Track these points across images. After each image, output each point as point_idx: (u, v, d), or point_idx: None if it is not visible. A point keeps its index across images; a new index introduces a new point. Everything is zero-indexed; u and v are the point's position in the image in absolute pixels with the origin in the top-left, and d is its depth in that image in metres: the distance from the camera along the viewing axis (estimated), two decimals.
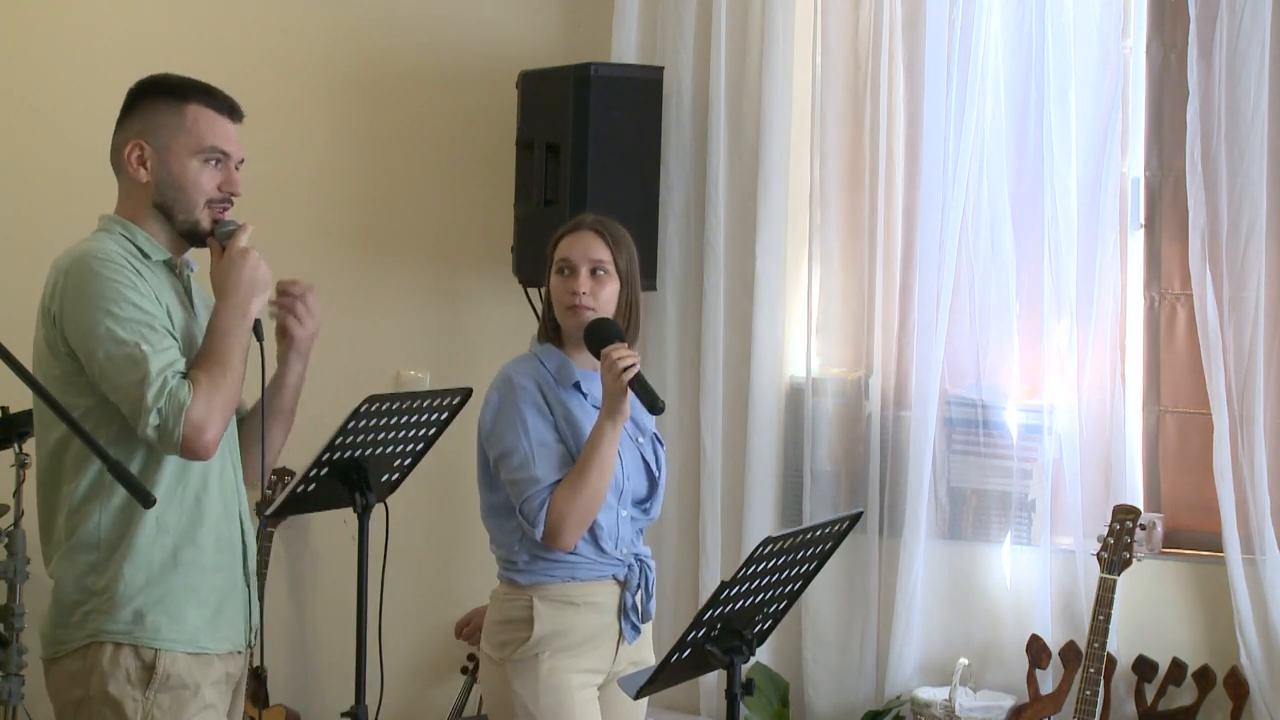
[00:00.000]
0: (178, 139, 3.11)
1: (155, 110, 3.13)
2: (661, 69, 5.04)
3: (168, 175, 3.11)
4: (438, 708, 5.33)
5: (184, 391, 2.93)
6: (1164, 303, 4.68)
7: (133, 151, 3.13)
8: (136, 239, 3.12)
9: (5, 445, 5.21)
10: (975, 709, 4.62)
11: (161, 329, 3.00)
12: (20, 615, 5.29)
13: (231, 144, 3.16)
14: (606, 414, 3.53)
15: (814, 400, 4.94)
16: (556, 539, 3.51)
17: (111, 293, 2.98)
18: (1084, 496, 4.64)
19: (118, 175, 3.20)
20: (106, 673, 2.99)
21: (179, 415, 2.91)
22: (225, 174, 3.14)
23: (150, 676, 3.00)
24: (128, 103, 3.20)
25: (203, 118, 3.14)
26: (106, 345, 2.95)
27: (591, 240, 3.64)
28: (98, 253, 3.03)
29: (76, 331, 3.00)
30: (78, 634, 3.01)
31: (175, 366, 2.96)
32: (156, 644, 3.01)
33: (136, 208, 3.15)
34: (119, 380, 2.95)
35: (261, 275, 3.09)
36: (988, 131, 4.74)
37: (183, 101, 3.14)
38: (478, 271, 5.45)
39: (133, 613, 3.00)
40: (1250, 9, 4.41)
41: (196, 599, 3.06)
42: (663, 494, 3.77)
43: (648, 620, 3.68)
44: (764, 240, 4.95)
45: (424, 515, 5.34)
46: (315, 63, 5.60)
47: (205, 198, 3.12)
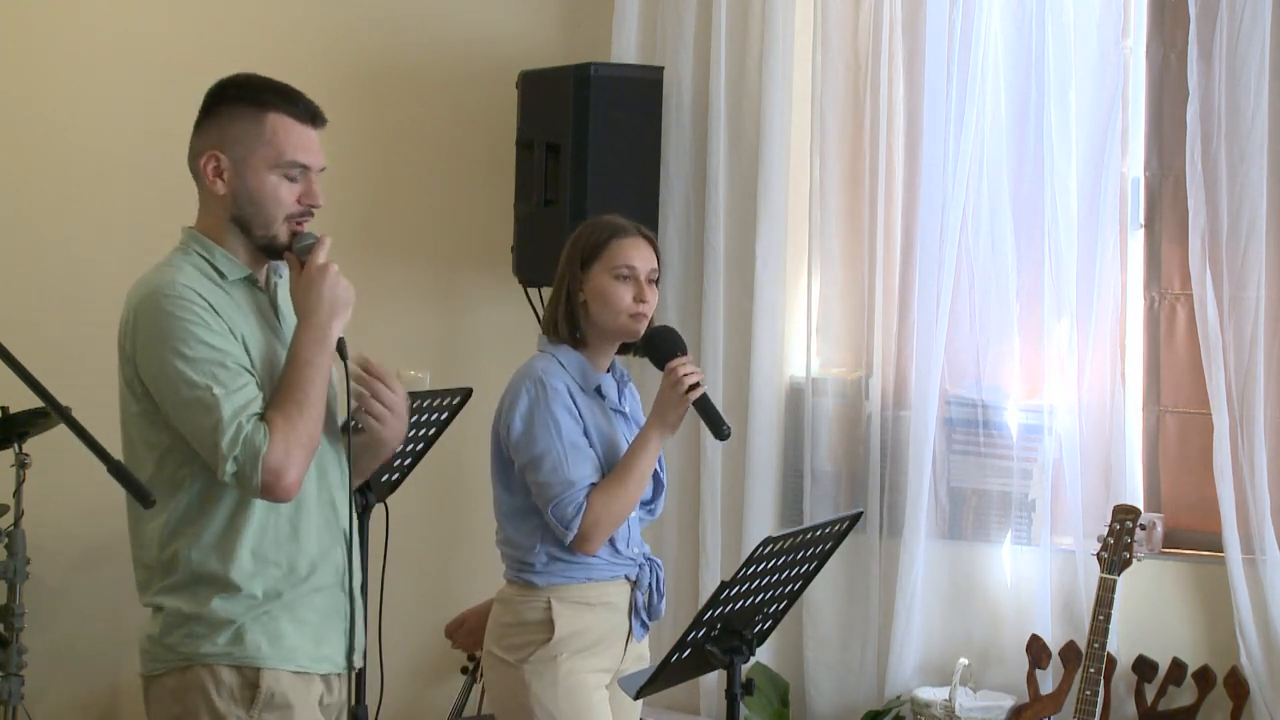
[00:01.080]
0: (256, 151, 2.96)
1: (233, 118, 2.98)
2: (661, 69, 5.04)
3: (245, 189, 2.97)
4: (438, 708, 5.33)
5: (259, 436, 2.82)
6: (1164, 303, 4.68)
7: (209, 163, 2.98)
8: (214, 259, 2.99)
9: (5, 445, 5.21)
10: (975, 709, 4.62)
11: (235, 366, 2.88)
12: (20, 615, 5.28)
13: (313, 154, 3.00)
14: (657, 425, 3.54)
15: (814, 400, 4.94)
16: (587, 543, 3.51)
17: (181, 332, 2.87)
18: (1084, 496, 4.64)
19: (196, 183, 3.05)
20: (210, 691, 2.92)
21: (255, 462, 2.81)
22: (305, 186, 2.99)
23: (254, 695, 2.92)
24: (206, 106, 3.04)
25: (282, 128, 2.97)
26: (178, 388, 2.86)
27: (647, 249, 3.63)
28: (167, 287, 2.90)
29: (149, 372, 2.90)
30: (178, 654, 2.94)
31: (250, 409, 2.86)
32: (258, 663, 2.93)
33: (215, 222, 3.01)
34: (193, 425, 2.86)
35: (342, 293, 2.97)
36: (988, 131, 4.74)
37: (262, 110, 2.97)
38: (478, 271, 5.45)
39: (233, 634, 2.92)
40: (1250, 9, 4.41)
41: (295, 619, 2.97)
42: (665, 493, 3.78)
43: (657, 618, 3.69)
44: (764, 240, 4.95)
45: (424, 515, 5.34)
46: (315, 63, 5.60)
47: (285, 212, 2.97)
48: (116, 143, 5.83)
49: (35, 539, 5.38)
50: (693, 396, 3.52)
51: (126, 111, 5.81)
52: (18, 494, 5.26)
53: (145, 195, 5.81)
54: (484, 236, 5.39)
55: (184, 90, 5.74)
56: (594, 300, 3.59)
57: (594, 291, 3.59)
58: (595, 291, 3.59)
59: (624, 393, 3.71)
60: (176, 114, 5.75)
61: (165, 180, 5.75)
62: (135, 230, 5.80)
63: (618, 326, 3.59)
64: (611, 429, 3.62)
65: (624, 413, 3.69)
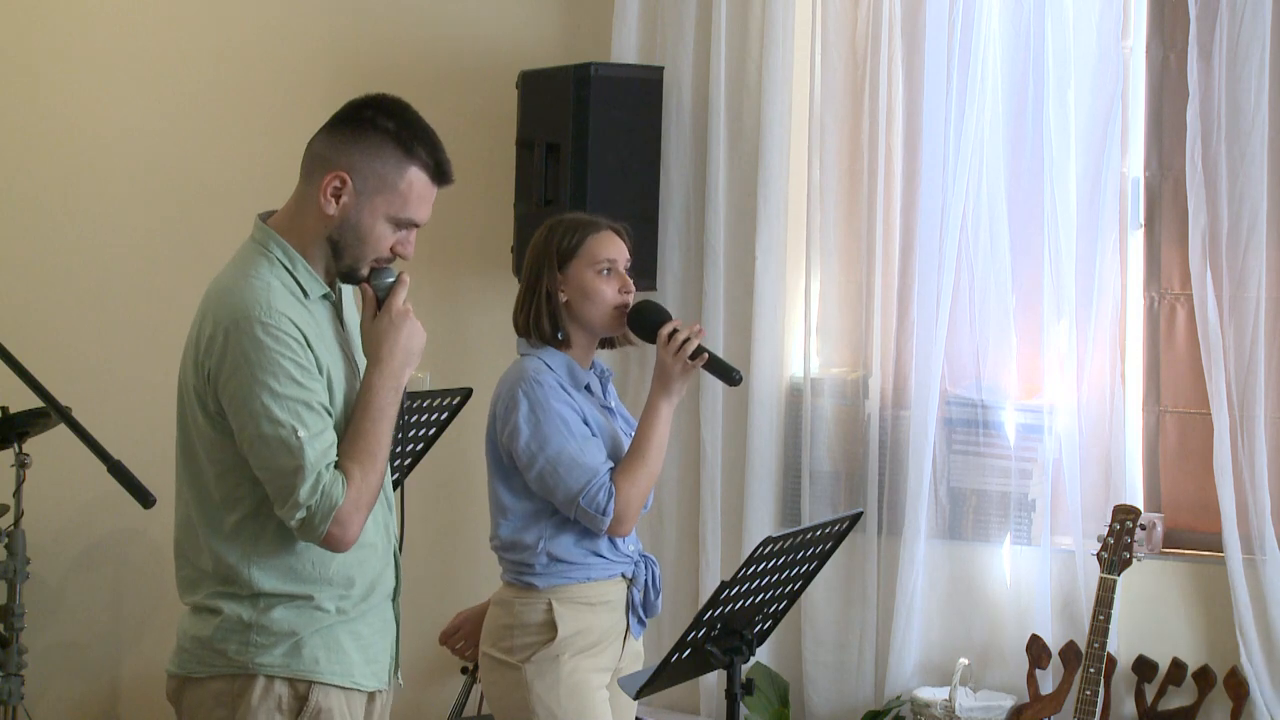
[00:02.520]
0: (384, 196, 2.91)
1: (376, 153, 2.91)
2: (661, 69, 5.04)
3: (356, 222, 2.91)
4: (438, 708, 5.33)
5: (338, 489, 2.81)
6: (1164, 303, 4.68)
7: (332, 181, 2.89)
8: (297, 272, 2.92)
9: (5, 445, 5.21)
10: (975, 709, 4.62)
11: (320, 408, 2.84)
12: (20, 615, 5.29)
13: (427, 214, 2.98)
14: (663, 394, 3.55)
15: (814, 400, 4.94)
16: (623, 524, 3.53)
17: (274, 365, 2.80)
18: (1084, 496, 4.64)
19: (303, 181, 2.96)
20: (256, 702, 2.90)
21: (329, 514, 2.80)
22: (406, 237, 2.96)
23: (301, 707, 2.91)
24: (351, 119, 2.96)
25: (418, 186, 2.93)
26: (260, 423, 2.80)
27: (620, 242, 3.67)
28: (263, 312, 2.82)
29: (230, 398, 2.83)
30: (230, 661, 2.91)
31: (329, 456, 2.83)
32: (313, 676, 2.92)
33: (307, 231, 2.93)
34: (270, 463, 2.81)
35: (418, 343, 2.96)
36: (987, 131, 4.74)
37: (408, 159, 2.92)
38: (478, 272, 5.45)
39: (291, 645, 2.91)
40: (1250, 9, 4.41)
41: (354, 635, 2.97)
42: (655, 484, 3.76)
43: (653, 615, 3.70)
44: (764, 240, 4.95)
45: (424, 515, 5.33)
46: (315, 62, 5.60)
47: (378, 255, 2.94)
48: (118, 142, 5.83)
49: (35, 539, 5.38)
50: (699, 363, 3.55)
51: (128, 111, 5.81)
52: (18, 494, 5.26)
53: (147, 195, 5.81)
54: (484, 236, 5.39)
55: (185, 90, 5.80)
56: (577, 298, 3.60)
57: (576, 289, 3.60)
58: (578, 289, 3.60)
59: (608, 388, 3.73)
60: (178, 114, 5.81)
61: (167, 180, 5.80)
62: (136, 230, 5.81)
63: (605, 320, 3.61)
64: (608, 422, 3.64)
65: (610, 409, 3.70)
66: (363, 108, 2.98)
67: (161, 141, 5.79)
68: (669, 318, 3.60)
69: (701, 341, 3.57)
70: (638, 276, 4.89)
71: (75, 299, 5.85)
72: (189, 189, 5.74)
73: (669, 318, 3.60)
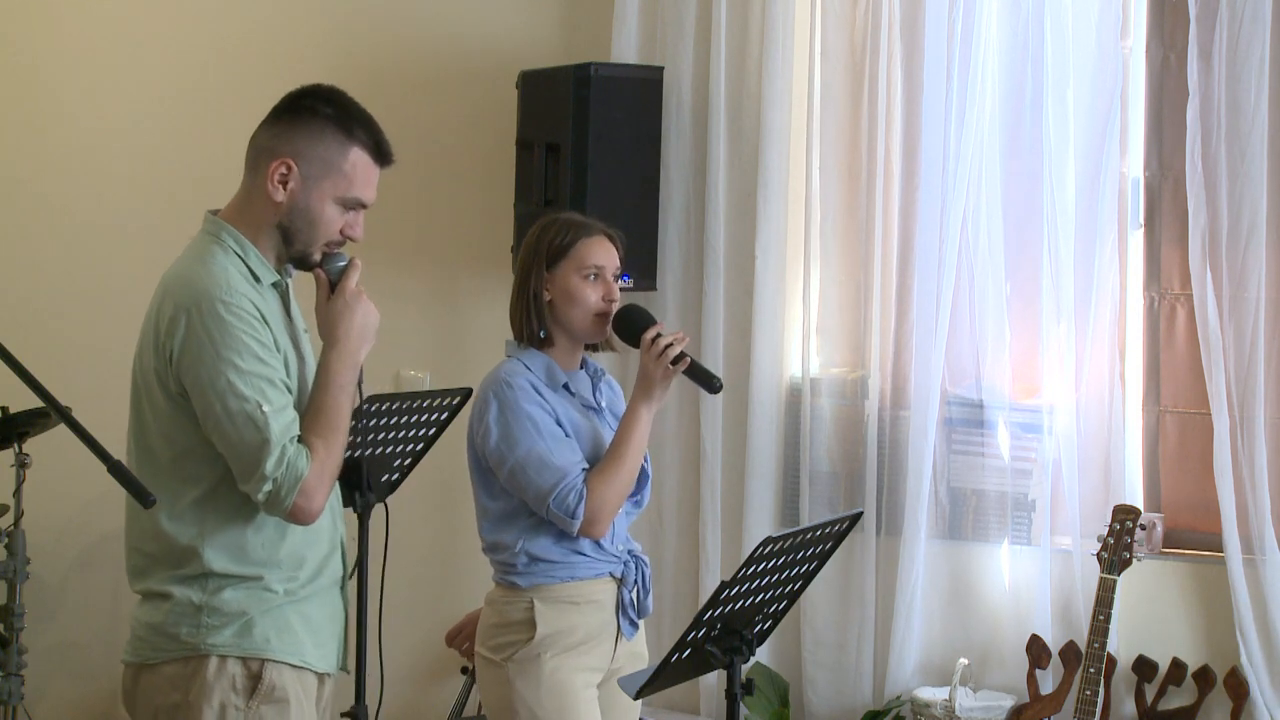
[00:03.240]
0: (329, 178, 3.00)
1: (318, 138, 3.01)
2: (661, 69, 5.04)
3: (304, 206, 3.00)
4: (438, 708, 5.33)
5: (302, 461, 2.88)
6: (1164, 303, 4.68)
7: (278, 168, 2.98)
8: (249, 259, 3.00)
9: (5, 445, 5.21)
10: (975, 709, 4.63)
11: (280, 384, 2.92)
12: (20, 615, 5.28)
13: (373, 194, 3.07)
14: (644, 398, 3.54)
15: (813, 400, 4.94)
16: (594, 527, 3.51)
17: (236, 343, 2.87)
18: (1083, 496, 4.64)
19: (249, 173, 3.05)
20: (210, 680, 2.94)
21: (294, 486, 2.87)
22: (354, 219, 3.05)
23: (255, 686, 2.96)
24: (291, 107, 3.07)
25: (361, 165, 3.03)
26: (226, 400, 2.87)
27: (611, 247, 3.65)
28: (223, 291, 2.90)
29: (194, 377, 2.89)
30: (182, 644, 2.96)
31: (293, 430, 2.90)
32: (264, 654, 2.97)
33: (257, 221, 3.01)
34: (235, 439, 2.87)
35: (373, 321, 3.06)
36: (987, 131, 4.74)
37: (349, 140, 3.02)
38: (478, 272, 5.44)
39: (242, 625, 2.96)
40: (1250, 9, 4.41)
41: (302, 617, 3.03)
42: (650, 483, 3.75)
43: (645, 615, 3.68)
44: (764, 240, 4.95)
45: (424, 515, 5.34)
46: (314, 62, 5.59)
47: (329, 238, 3.03)
48: (118, 142, 5.83)
49: (35, 539, 5.38)
50: (680, 368, 3.53)
51: (129, 112, 5.81)
52: (18, 494, 5.26)
53: (146, 195, 5.81)
54: (484, 236, 5.39)
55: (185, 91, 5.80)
56: (561, 300, 3.60)
57: (561, 292, 3.60)
58: (562, 292, 3.60)
59: (599, 388, 3.70)
60: (179, 113, 5.81)
61: (167, 180, 5.80)
62: (136, 230, 5.81)
63: (585, 326, 3.60)
64: (589, 423, 3.62)
65: (598, 409, 3.67)
66: (300, 97, 3.08)
67: (161, 141, 5.79)
68: (653, 322, 3.59)
69: (684, 348, 3.55)
70: (638, 277, 4.94)
71: (75, 299, 5.85)
72: (189, 188, 5.72)
73: (653, 322, 3.59)
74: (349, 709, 4.00)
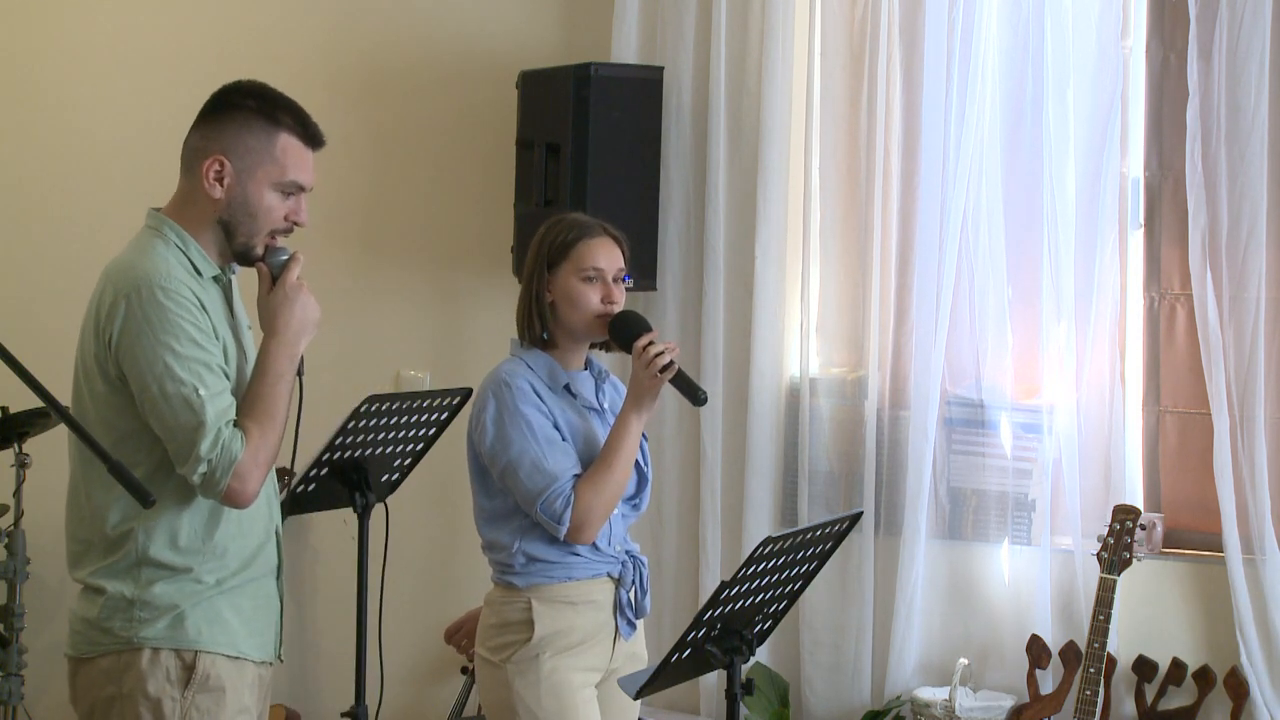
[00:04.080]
0: (262, 166, 3.06)
1: (245, 130, 3.08)
2: (661, 69, 5.04)
3: (242, 198, 3.06)
4: (438, 708, 5.33)
5: (237, 444, 2.93)
6: (1164, 303, 4.68)
7: (212, 166, 3.05)
8: (190, 252, 3.06)
9: (5, 445, 5.21)
10: (975, 709, 4.63)
11: (218, 369, 2.98)
12: (20, 615, 5.28)
13: (310, 176, 3.12)
14: (634, 406, 3.53)
15: (813, 400, 4.94)
16: (581, 533, 3.50)
17: (174, 327, 2.94)
18: (1083, 496, 4.64)
19: (185, 175, 3.12)
20: (145, 672, 2.99)
21: (229, 469, 2.92)
22: (296, 204, 3.11)
23: (190, 677, 3.00)
24: (216, 106, 3.13)
25: (291, 149, 3.09)
26: (163, 383, 2.93)
27: (614, 249, 3.63)
28: (161, 278, 2.97)
29: (132, 361, 2.96)
30: (116, 638, 3.00)
31: (229, 414, 2.96)
32: (197, 646, 3.02)
33: (197, 219, 3.09)
34: (171, 421, 2.93)
35: (313, 313, 3.11)
36: (987, 131, 4.74)
37: (275, 127, 3.08)
38: (477, 271, 5.44)
39: (173, 618, 3.00)
40: (1250, 9, 4.41)
41: (234, 608, 3.07)
42: (650, 487, 3.75)
43: (642, 616, 3.68)
44: (764, 240, 4.95)
45: (424, 515, 5.34)
46: (314, 62, 5.60)
47: (272, 227, 3.09)
48: (117, 140, 5.83)
49: (35, 539, 5.38)
50: (667, 376, 3.51)
51: (127, 110, 5.81)
52: (18, 494, 5.26)
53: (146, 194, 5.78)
54: (483, 236, 5.39)
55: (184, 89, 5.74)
56: (562, 302, 3.59)
57: (561, 293, 3.59)
58: (563, 293, 3.59)
59: (602, 389, 3.70)
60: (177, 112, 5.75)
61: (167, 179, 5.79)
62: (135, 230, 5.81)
63: (586, 328, 3.59)
64: (587, 425, 3.61)
65: (599, 409, 3.66)
66: (222, 94, 3.16)
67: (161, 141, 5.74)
68: (648, 330, 3.57)
69: (676, 359, 3.54)
70: (638, 277, 4.92)
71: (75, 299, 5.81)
72: None
73: (648, 330, 3.57)
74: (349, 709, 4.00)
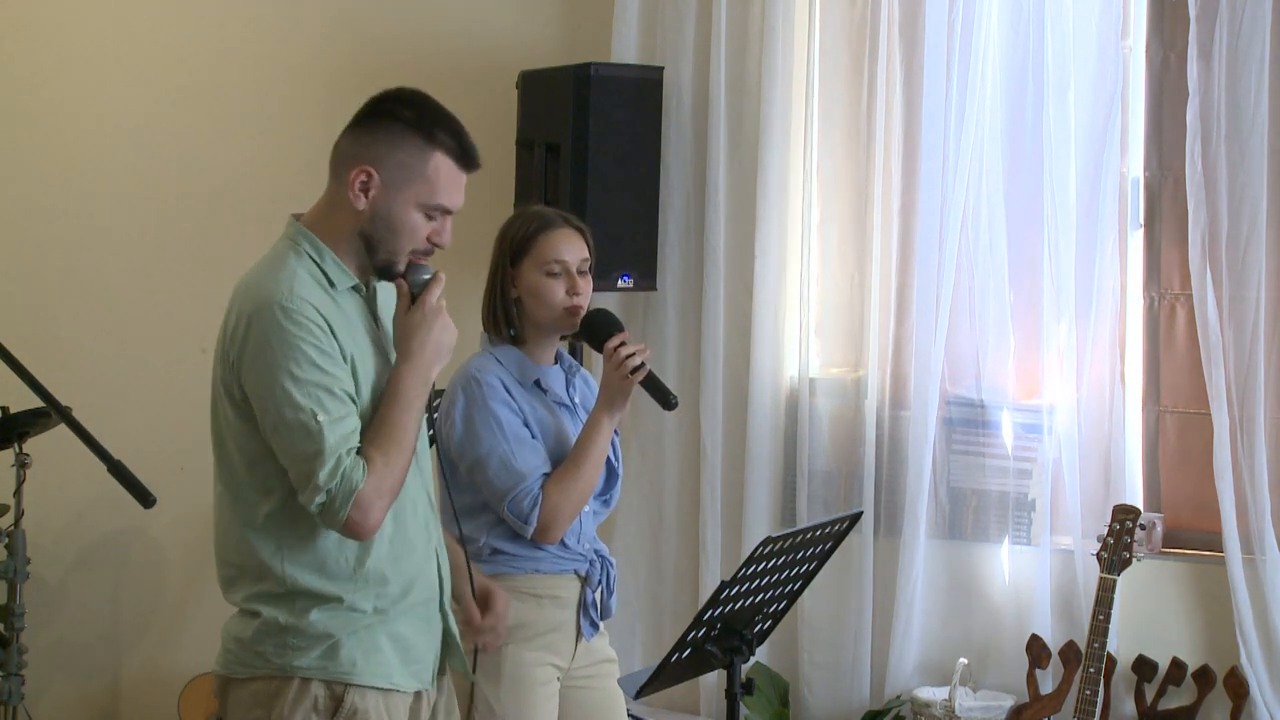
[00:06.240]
0: (412, 184, 2.91)
1: (399, 143, 2.92)
2: (661, 69, 5.04)
3: (387, 214, 2.92)
4: None
5: (358, 474, 2.80)
6: (1164, 303, 4.68)
7: (359, 176, 2.90)
8: (325, 264, 2.92)
9: (5, 445, 5.21)
10: (975, 709, 4.63)
11: (341, 394, 2.83)
12: (20, 615, 5.28)
13: (460, 199, 2.98)
14: (605, 407, 3.50)
15: (813, 400, 4.94)
16: (548, 534, 3.48)
17: (294, 350, 2.80)
18: (1083, 496, 4.64)
19: (332, 179, 2.97)
20: (292, 702, 2.90)
21: (349, 499, 2.78)
22: (440, 226, 2.97)
23: (337, 708, 2.91)
24: (371, 112, 2.99)
25: (444, 170, 2.93)
26: (282, 408, 2.80)
27: (577, 240, 3.60)
28: (284, 298, 2.83)
29: (254, 384, 2.83)
30: (269, 664, 2.91)
31: (350, 441, 2.82)
32: (348, 679, 2.91)
33: (337, 229, 2.93)
34: (291, 448, 2.81)
35: (449, 339, 2.99)
36: (987, 131, 4.74)
37: (430, 145, 2.92)
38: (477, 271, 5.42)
39: (328, 648, 2.90)
40: (1250, 9, 4.41)
41: (392, 636, 2.96)
42: (620, 482, 3.71)
43: (607, 617, 3.65)
44: (763, 240, 4.95)
45: None
46: (314, 62, 5.60)
47: (414, 246, 2.95)
48: (117, 141, 5.83)
49: (35, 539, 5.38)
50: (637, 378, 3.49)
51: (127, 110, 5.81)
52: (18, 494, 5.25)
53: (146, 194, 5.81)
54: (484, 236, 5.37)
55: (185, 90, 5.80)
56: (527, 296, 3.57)
57: (526, 288, 3.57)
58: (527, 288, 3.56)
59: (573, 383, 3.68)
60: (177, 113, 5.80)
61: (166, 179, 5.80)
62: (135, 229, 5.81)
63: (553, 321, 3.57)
64: (557, 421, 3.58)
65: (570, 405, 3.64)
66: (381, 101, 3.00)
67: (161, 141, 5.79)
68: (620, 330, 3.55)
69: (646, 360, 3.51)
70: (638, 277, 4.94)
71: (75, 299, 5.85)
72: (188, 188, 5.74)
73: (620, 330, 3.55)
74: None
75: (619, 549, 5.02)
